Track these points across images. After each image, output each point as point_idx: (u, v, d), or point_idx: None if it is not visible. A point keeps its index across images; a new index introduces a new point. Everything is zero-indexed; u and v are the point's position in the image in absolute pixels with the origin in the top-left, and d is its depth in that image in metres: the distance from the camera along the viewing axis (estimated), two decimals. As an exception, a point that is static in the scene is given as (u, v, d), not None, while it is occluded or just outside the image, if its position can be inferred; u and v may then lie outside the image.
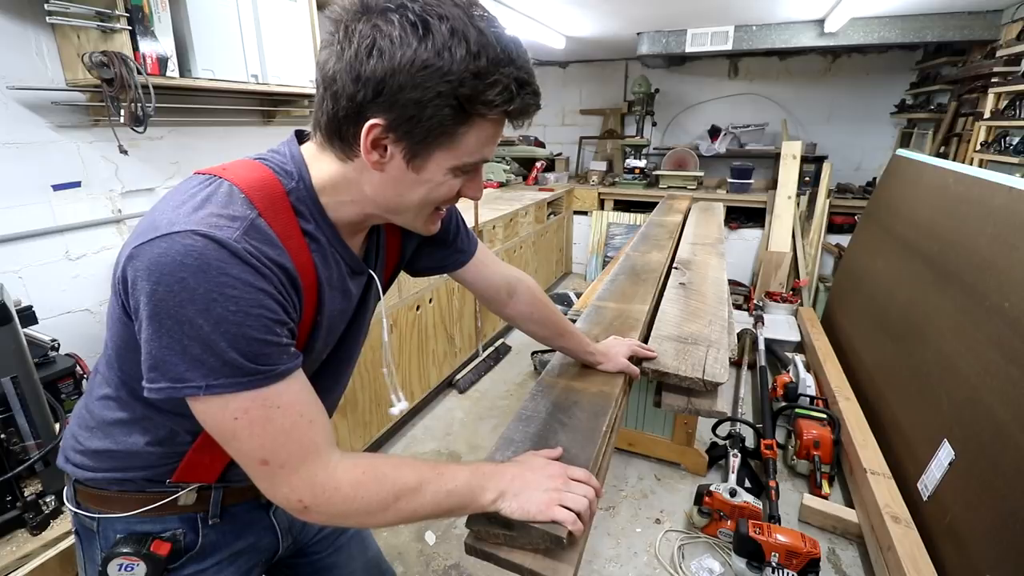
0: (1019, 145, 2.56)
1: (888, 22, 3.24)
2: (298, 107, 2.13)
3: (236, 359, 0.50)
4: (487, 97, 0.51)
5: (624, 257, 2.15)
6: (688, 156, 4.49)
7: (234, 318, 0.49)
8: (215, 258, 0.48)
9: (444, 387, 2.79)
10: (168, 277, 0.47)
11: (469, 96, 0.51)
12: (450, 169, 0.57)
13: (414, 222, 0.64)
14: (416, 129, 0.52)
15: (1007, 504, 1.33)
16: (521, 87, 0.53)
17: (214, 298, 0.48)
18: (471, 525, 0.72)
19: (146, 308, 0.48)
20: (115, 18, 1.37)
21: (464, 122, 0.53)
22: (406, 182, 0.57)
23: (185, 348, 0.48)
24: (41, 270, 1.54)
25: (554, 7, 3.02)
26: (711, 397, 1.15)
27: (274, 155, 0.60)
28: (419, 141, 0.54)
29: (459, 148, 0.55)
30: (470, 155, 0.56)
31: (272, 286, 0.52)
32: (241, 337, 0.49)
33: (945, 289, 1.95)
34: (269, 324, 0.52)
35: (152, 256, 0.48)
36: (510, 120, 0.56)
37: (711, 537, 1.83)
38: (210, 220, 0.49)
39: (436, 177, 0.57)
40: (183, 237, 0.48)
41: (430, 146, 0.54)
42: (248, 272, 0.50)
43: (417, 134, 0.53)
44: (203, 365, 0.49)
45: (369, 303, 0.76)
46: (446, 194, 0.60)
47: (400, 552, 1.80)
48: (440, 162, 0.56)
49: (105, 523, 0.67)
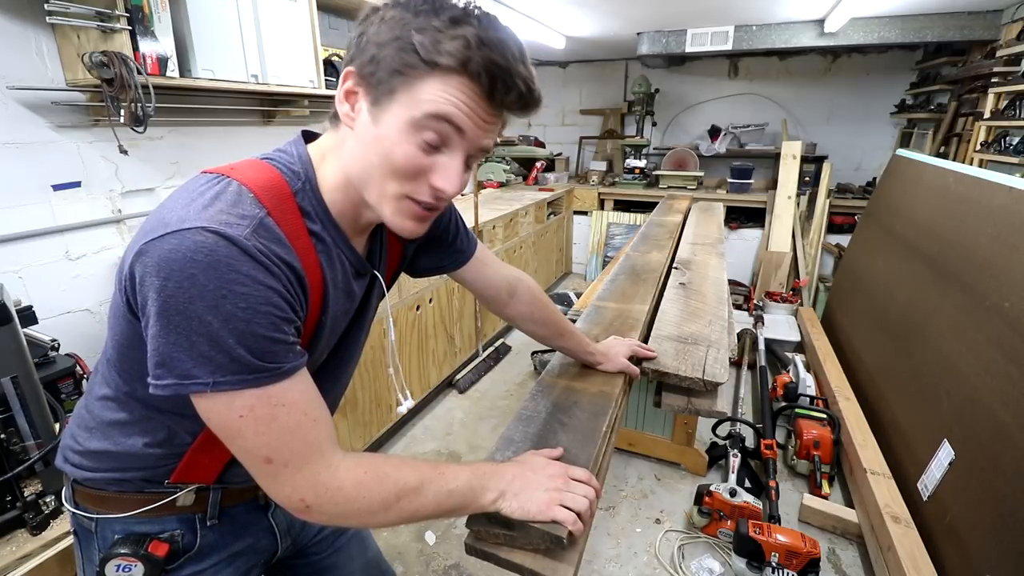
0: (1019, 145, 2.56)
1: (888, 22, 3.24)
2: (298, 107, 2.12)
3: (244, 356, 0.50)
4: (443, 46, 0.51)
5: (624, 257, 2.15)
6: (688, 156, 4.49)
7: (243, 315, 0.49)
8: (226, 255, 0.48)
9: (444, 387, 2.79)
10: (178, 273, 0.47)
11: (427, 44, 0.51)
12: (408, 124, 0.53)
13: (383, 204, 0.58)
14: (376, 72, 0.53)
15: (1007, 504, 1.33)
16: (486, 44, 0.51)
17: (224, 295, 0.48)
18: (471, 525, 0.72)
19: (155, 304, 0.48)
20: (115, 18, 1.37)
21: (421, 70, 0.52)
22: (369, 140, 0.56)
23: (193, 344, 0.48)
24: (41, 270, 1.53)
25: (554, 7, 3.02)
26: (711, 397, 1.15)
27: (281, 155, 0.60)
28: (379, 87, 0.54)
29: (415, 99, 0.53)
30: (427, 108, 0.52)
31: (280, 284, 0.52)
32: (249, 334, 0.49)
33: (945, 289, 1.94)
34: (277, 322, 0.52)
35: (162, 252, 0.47)
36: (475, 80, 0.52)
37: (711, 537, 1.83)
38: (220, 217, 0.49)
39: (393, 134, 0.54)
40: (194, 233, 0.48)
41: (390, 94, 0.53)
42: (258, 269, 0.50)
43: (378, 79, 0.54)
44: (211, 362, 0.49)
45: (371, 304, 0.76)
46: (405, 161, 0.54)
47: (400, 552, 1.80)
48: (397, 113, 0.54)
49: (103, 523, 0.67)
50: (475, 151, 0.58)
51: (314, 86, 2.01)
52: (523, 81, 0.54)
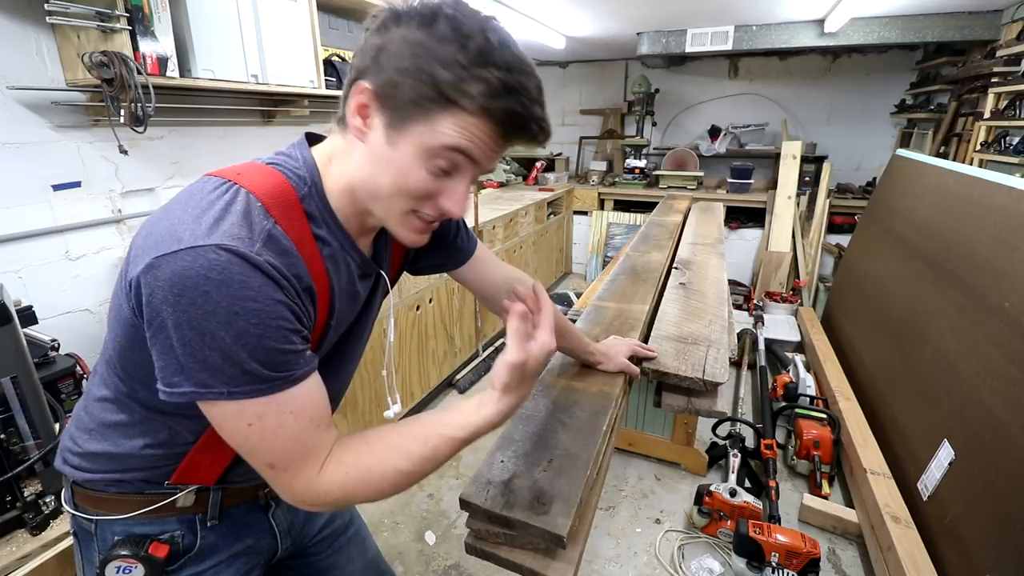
0: (1019, 145, 2.56)
1: (888, 22, 3.24)
2: (298, 107, 2.12)
3: (256, 368, 0.51)
4: (466, 87, 0.51)
5: (624, 257, 2.15)
6: (688, 156, 4.50)
7: (255, 330, 0.50)
8: (238, 272, 0.49)
9: (444, 387, 2.79)
10: (191, 291, 0.48)
11: (450, 82, 0.51)
12: (424, 152, 0.54)
13: (390, 218, 0.60)
14: (396, 97, 0.53)
15: (1007, 504, 1.33)
16: (509, 91, 0.52)
17: (236, 311, 0.49)
18: (471, 524, 0.72)
19: (170, 319, 0.49)
20: (115, 18, 1.37)
21: (442, 105, 0.53)
22: (382, 160, 0.56)
23: (206, 358, 0.49)
24: (41, 270, 1.53)
25: (554, 7, 3.02)
26: (711, 397, 1.15)
27: (286, 159, 0.60)
28: (397, 111, 0.54)
29: (433, 130, 0.53)
30: (444, 140, 0.54)
31: (289, 297, 0.53)
32: (261, 348, 0.51)
33: (945, 289, 1.94)
34: (287, 333, 0.53)
35: (176, 269, 0.48)
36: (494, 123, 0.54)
37: (711, 537, 1.83)
38: (232, 231, 0.50)
39: (407, 159, 0.55)
40: (208, 251, 0.48)
41: (406, 120, 0.54)
42: (268, 284, 0.51)
43: (396, 103, 0.54)
44: (223, 374, 0.50)
45: (375, 303, 0.76)
46: (416, 185, 0.56)
47: (400, 552, 1.79)
48: (413, 140, 0.54)
49: (103, 525, 0.67)
50: (480, 173, 0.60)
51: (314, 86, 2.01)
52: (537, 123, 0.56)
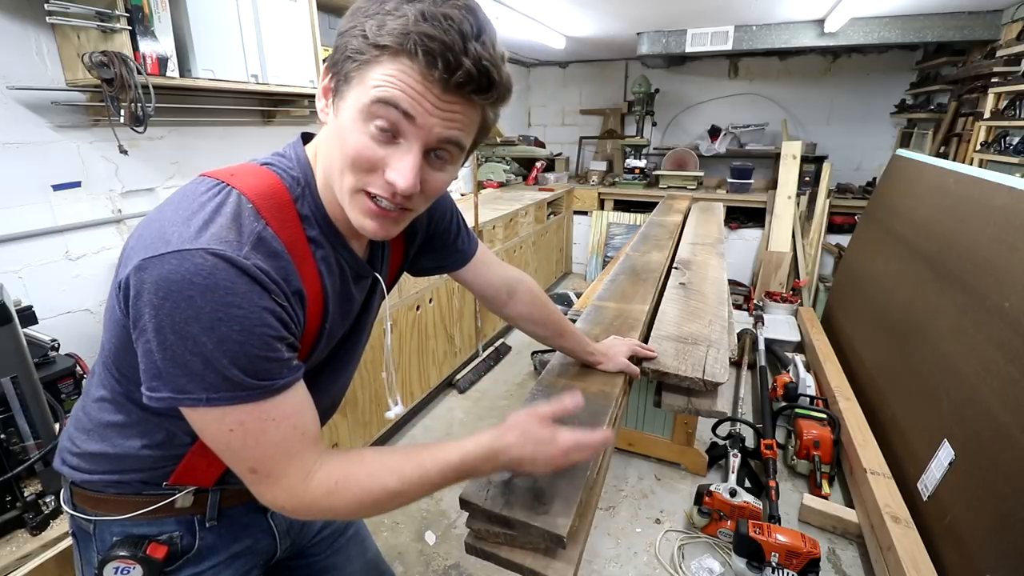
0: (1019, 145, 2.55)
1: (888, 22, 3.24)
2: (298, 107, 2.12)
3: (237, 375, 0.50)
4: (386, 27, 0.49)
5: (624, 257, 2.15)
6: (688, 156, 4.49)
7: (238, 337, 0.49)
8: (224, 277, 0.48)
9: (444, 387, 2.79)
10: (176, 294, 0.47)
11: (374, 29, 0.50)
12: (359, 112, 0.52)
13: (344, 200, 0.57)
14: (338, 64, 0.53)
15: (1007, 504, 1.33)
16: (426, 19, 0.48)
17: (220, 317, 0.48)
18: (471, 524, 0.72)
19: (151, 321, 0.48)
20: (115, 18, 1.37)
21: (371, 56, 0.51)
22: (332, 133, 0.56)
23: (187, 363, 0.49)
24: (41, 270, 1.53)
25: (554, 7, 3.02)
26: (711, 397, 1.15)
27: (281, 160, 0.60)
28: (342, 79, 0.53)
29: (364, 83, 0.51)
30: (373, 93, 0.50)
31: (276, 303, 0.52)
32: (243, 355, 0.50)
33: (945, 289, 1.94)
34: (271, 341, 0.52)
35: (162, 272, 0.48)
36: (414, 59, 0.49)
37: (711, 537, 1.83)
38: (221, 234, 0.50)
39: (347, 123, 0.53)
40: (194, 256, 0.48)
41: (348, 84, 0.53)
42: (254, 290, 0.50)
43: (339, 70, 0.53)
44: (204, 380, 0.50)
45: (372, 306, 0.75)
46: (355, 151, 0.52)
47: (400, 552, 1.79)
48: (351, 101, 0.53)
49: (101, 526, 0.67)
50: (436, 142, 0.53)
51: (314, 86, 2.01)
52: (473, 59, 0.49)
